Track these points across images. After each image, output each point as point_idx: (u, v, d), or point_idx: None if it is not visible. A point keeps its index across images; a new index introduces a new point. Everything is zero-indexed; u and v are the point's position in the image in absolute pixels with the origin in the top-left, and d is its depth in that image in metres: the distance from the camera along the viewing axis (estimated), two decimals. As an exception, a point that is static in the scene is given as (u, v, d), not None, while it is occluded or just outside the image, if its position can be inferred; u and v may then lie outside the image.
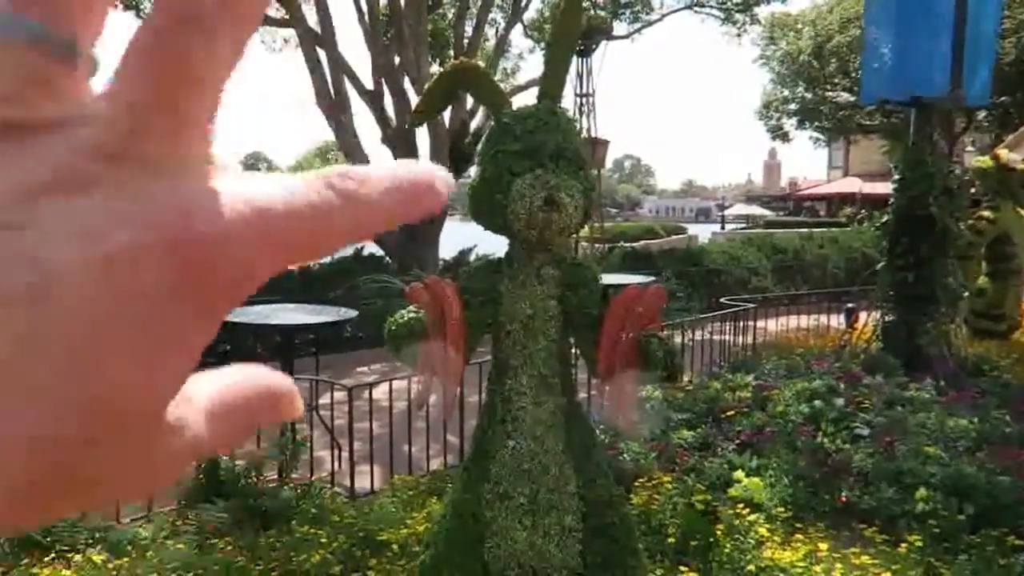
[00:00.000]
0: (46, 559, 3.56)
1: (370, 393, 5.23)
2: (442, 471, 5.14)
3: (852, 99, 25.67)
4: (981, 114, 23.99)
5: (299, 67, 11.73)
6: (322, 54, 11.60)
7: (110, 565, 3.46)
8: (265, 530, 3.91)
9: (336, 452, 5.46)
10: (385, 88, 12.37)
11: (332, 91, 11.67)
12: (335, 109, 11.70)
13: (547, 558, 2.69)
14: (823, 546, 3.56)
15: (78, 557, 3.56)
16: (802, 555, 3.50)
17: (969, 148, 26.19)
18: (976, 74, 7.40)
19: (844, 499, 4.01)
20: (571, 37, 2.97)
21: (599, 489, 2.79)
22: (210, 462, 4.21)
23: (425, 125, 12.11)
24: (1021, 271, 9.29)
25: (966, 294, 8.20)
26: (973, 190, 8.94)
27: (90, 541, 3.83)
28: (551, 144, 2.62)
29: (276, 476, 4.71)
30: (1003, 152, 9.46)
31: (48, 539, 3.72)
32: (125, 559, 3.56)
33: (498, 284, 2.76)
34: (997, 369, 6.98)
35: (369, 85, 12.55)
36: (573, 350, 2.94)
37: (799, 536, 3.74)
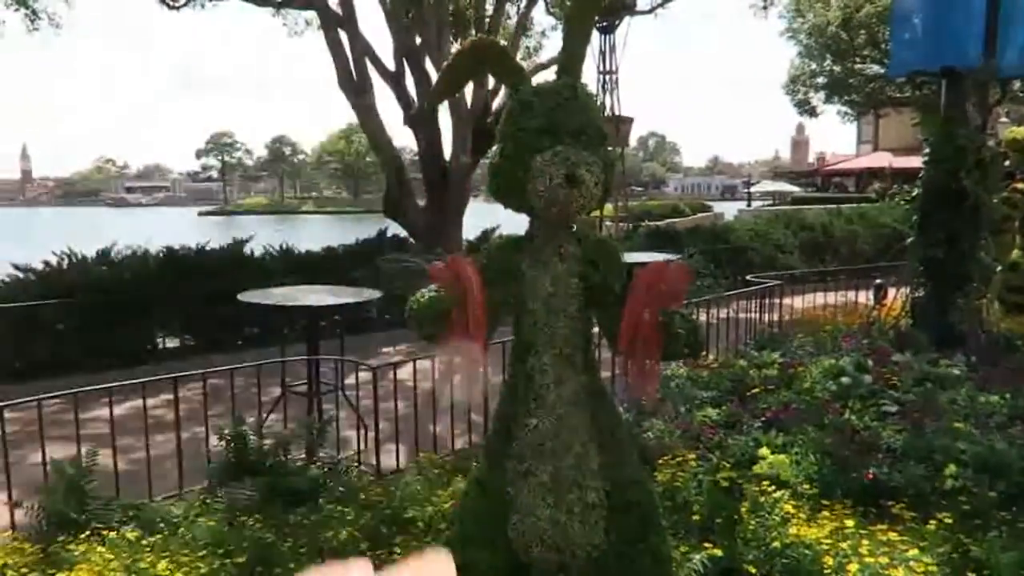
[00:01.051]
0: (81, 536, 3.64)
1: (395, 373, 5.27)
2: (467, 450, 5.17)
3: (882, 71, 25.15)
4: (1017, 84, 23.38)
5: (321, 49, 11.73)
6: (344, 36, 11.59)
7: (143, 542, 3.53)
8: (294, 508, 3.97)
9: (362, 431, 5.51)
10: (407, 69, 12.33)
11: (354, 73, 11.66)
12: (358, 91, 11.69)
13: (570, 535, 2.70)
14: (849, 523, 3.53)
15: (112, 534, 3.64)
16: (828, 532, 3.47)
17: (1004, 119, 25.55)
18: (1010, 43, 7.20)
19: (872, 476, 3.96)
20: (589, 11, 2.93)
21: (622, 467, 2.79)
22: (239, 442, 4.28)
23: (448, 106, 12.08)
24: (1057, 245, 9.08)
25: (999, 269, 8.03)
26: (1008, 162, 8.72)
27: (123, 519, 3.91)
28: (572, 121, 2.60)
29: (304, 455, 4.78)
30: (1038, 123, 9.22)
31: (83, 517, 3.81)
32: (158, 536, 3.64)
33: (519, 262, 2.75)
34: (1031, 345, 6.84)
35: (391, 66, 12.52)
36: (595, 328, 2.93)
37: (825, 513, 3.71)
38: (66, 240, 9.84)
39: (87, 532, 3.69)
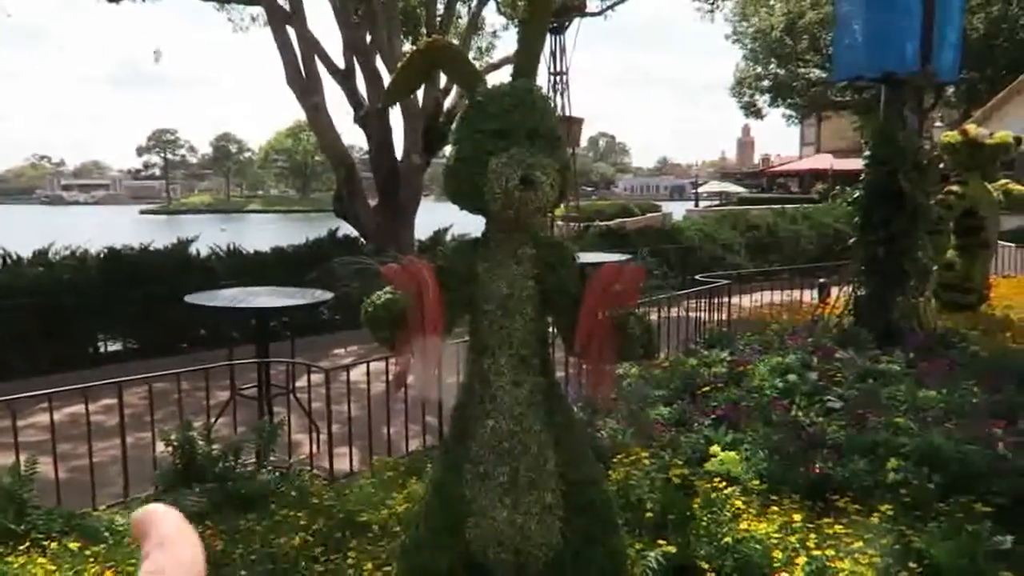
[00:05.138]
0: (21, 547, 3.51)
1: (348, 375, 5.22)
2: (421, 452, 5.15)
3: (824, 76, 25.83)
4: (950, 90, 24.28)
5: (268, 46, 11.52)
6: (292, 32, 11.40)
7: (87, 552, 3.43)
8: (245, 514, 3.90)
9: (314, 435, 5.44)
10: (357, 67, 12.20)
11: (303, 71, 11.48)
12: (306, 89, 11.52)
13: (528, 536, 2.71)
14: (797, 517, 3.62)
15: (54, 545, 3.52)
16: (777, 526, 3.56)
17: (938, 123, 26.48)
18: (945, 50, 7.47)
19: (818, 471, 4.07)
20: (544, 14, 2.95)
21: (579, 467, 2.81)
22: (187, 447, 4.18)
23: (399, 105, 11.98)
24: (988, 245, 9.46)
25: (936, 268, 8.33)
26: (942, 165, 9.05)
27: (65, 529, 3.79)
28: (527, 123, 2.61)
29: (254, 460, 4.69)
30: (971, 127, 9.59)
31: (22, 527, 3.68)
32: (102, 546, 3.53)
33: (475, 264, 2.75)
34: (966, 341, 7.10)
35: (341, 64, 12.37)
36: (551, 329, 2.94)
37: (774, 508, 3.80)
38: (1, 239, 9.48)
39: (27, 543, 3.56)
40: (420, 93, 12.24)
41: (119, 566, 3.27)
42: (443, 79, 11.63)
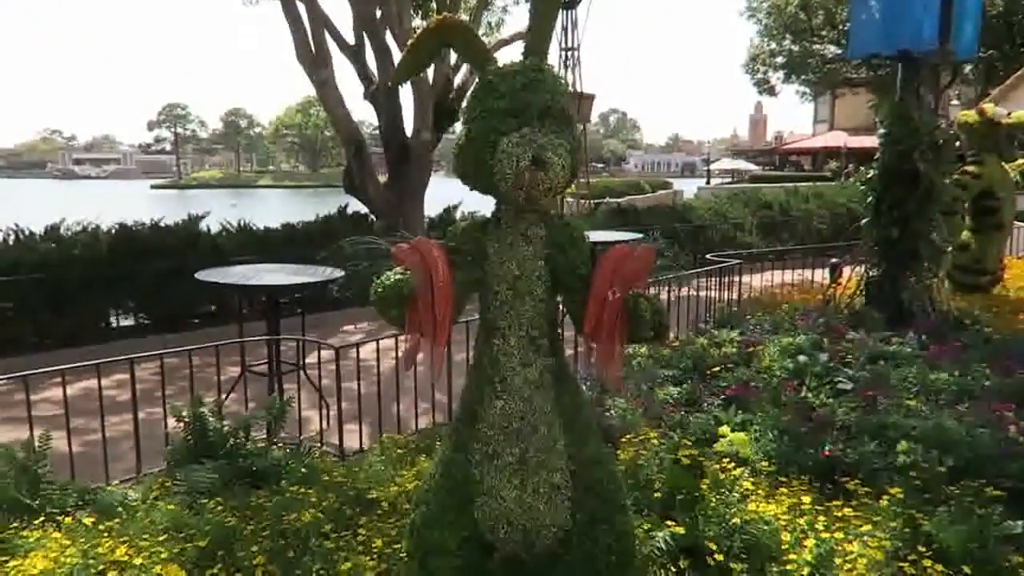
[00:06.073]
0: (35, 522, 3.56)
1: (357, 352, 5.23)
2: (430, 429, 5.17)
3: (839, 52, 25.48)
4: (967, 67, 23.93)
5: (279, 21, 11.44)
6: (301, 8, 11.32)
7: (100, 527, 3.47)
8: (255, 490, 3.93)
9: (324, 411, 5.48)
10: (367, 43, 12.11)
11: (313, 46, 11.42)
12: (316, 65, 11.46)
13: (536, 516, 2.71)
14: (806, 499, 3.62)
15: (68, 520, 3.56)
16: (786, 508, 3.56)
17: (954, 101, 26.14)
18: (963, 28, 7.34)
19: (827, 453, 4.06)
20: (557, -10, 2.90)
21: (587, 448, 2.81)
22: (198, 424, 4.21)
23: (409, 81, 11.91)
24: (1004, 225, 9.36)
25: (949, 249, 8.25)
26: (958, 143, 8.94)
27: (79, 504, 3.83)
28: (538, 102, 2.57)
29: (265, 436, 4.72)
30: (988, 106, 9.46)
31: (37, 502, 3.72)
32: (115, 520, 3.57)
33: (485, 245, 2.73)
34: (978, 323, 7.05)
35: (351, 40, 12.29)
36: (560, 310, 2.93)
37: (783, 490, 3.79)
38: (13, 214, 9.53)
39: (41, 518, 3.60)
40: (430, 70, 12.16)
41: (132, 541, 3.31)
42: (454, 55, 11.54)
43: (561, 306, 2.88)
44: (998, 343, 6.28)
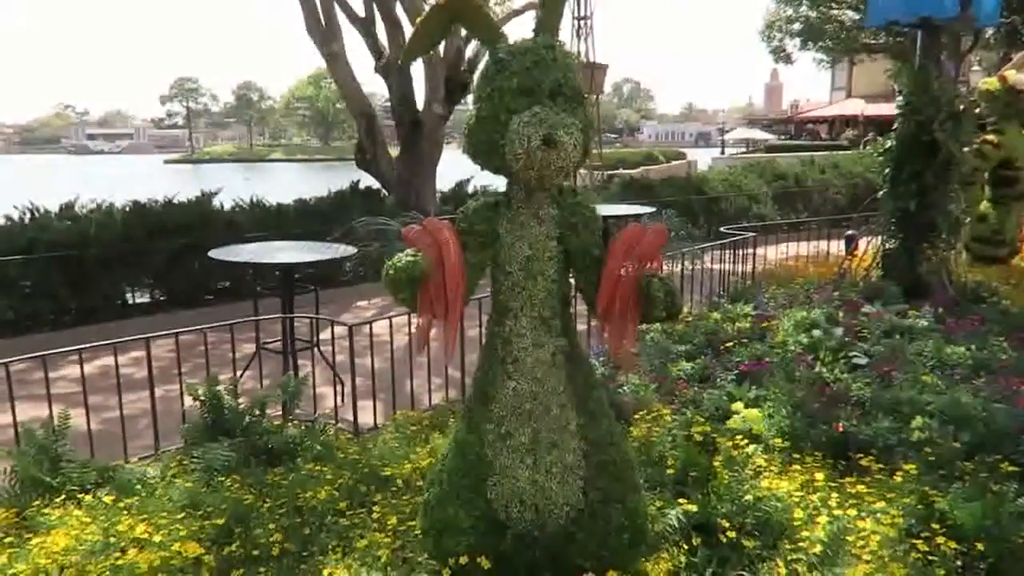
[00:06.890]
0: (56, 500, 3.62)
1: (370, 329, 5.24)
2: (444, 406, 5.20)
3: (857, 18, 24.99)
4: (989, 32, 23.40)
5: (287, -7, 11.33)
6: (311, -21, 11.20)
7: (120, 504, 3.52)
8: (271, 467, 3.97)
9: (339, 388, 5.51)
10: (377, 15, 11.99)
11: (322, 18, 11.32)
12: (326, 38, 11.37)
13: (549, 496, 2.73)
14: (819, 476, 3.61)
15: (88, 497, 3.62)
16: (799, 485, 3.56)
17: (975, 67, 25.61)
18: (987, -7, 7.16)
19: (841, 429, 4.05)
20: (568, -35, 2.84)
21: (599, 428, 2.81)
22: (214, 402, 4.25)
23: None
24: (1024, 196, 9.20)
25: (968, 220, 8.13)
26: (978, 110, 8.76)
27: (99, 481, 3.89)
28: (549, 81, 2.54)
29: (280, 413, 4.76)
30: (1011, 73, 9.25)
31: (58, 480, 3.78)
32: (135, 498, 3.62)
33: (497, 225, 2.72)
34: (997, 295, 6.97)
35: (361, 12, 12.16)
36: (572, 290, 2.92)
37: (796, 466, 3.79)
38: (28, 191, 9.59)
39: (62, 496, 3.67)
40: (442, 43, 12.03)
41: (151, 518, 3.36)
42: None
43: (573, 285, 2.87)
44: (1016, 316, 6.21)
